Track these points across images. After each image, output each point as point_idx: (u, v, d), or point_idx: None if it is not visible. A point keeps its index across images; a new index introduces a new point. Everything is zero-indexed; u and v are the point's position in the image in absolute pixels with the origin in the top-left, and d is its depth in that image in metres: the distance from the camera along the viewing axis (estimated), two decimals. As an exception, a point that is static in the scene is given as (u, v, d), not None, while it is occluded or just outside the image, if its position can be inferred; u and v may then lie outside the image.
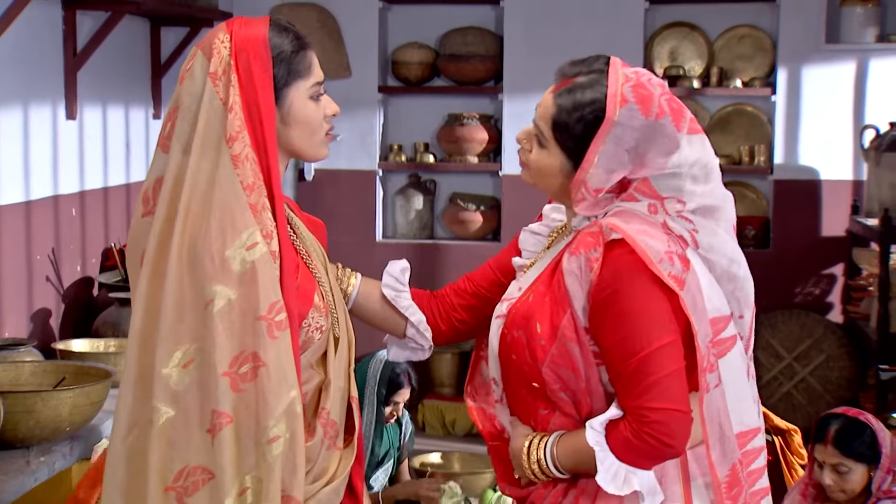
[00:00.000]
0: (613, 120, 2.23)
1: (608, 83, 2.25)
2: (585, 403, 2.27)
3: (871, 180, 6.15)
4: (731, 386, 2.30)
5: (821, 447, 3.57)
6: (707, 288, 2.26)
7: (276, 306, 2.12)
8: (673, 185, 2.28)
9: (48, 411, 3.15)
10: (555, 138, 2.29)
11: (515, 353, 2.30)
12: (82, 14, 4.86)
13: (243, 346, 2.10)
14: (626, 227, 2.20)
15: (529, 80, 6.57)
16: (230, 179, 2.13)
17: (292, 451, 2.13)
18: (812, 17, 6.49)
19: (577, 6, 6.60)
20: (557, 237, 2.46)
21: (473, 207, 6.82)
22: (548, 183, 2.35)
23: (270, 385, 2.11)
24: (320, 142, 2.32)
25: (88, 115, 5.03)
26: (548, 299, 2.26)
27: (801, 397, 6.48)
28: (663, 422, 2.16)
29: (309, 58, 2.27)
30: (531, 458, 2.30)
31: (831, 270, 6.67)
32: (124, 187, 5.42)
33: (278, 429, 2.11)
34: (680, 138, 2.26)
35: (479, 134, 6.73)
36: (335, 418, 2.30)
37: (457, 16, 6.86)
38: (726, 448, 2.29)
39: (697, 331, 2.21)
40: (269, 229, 2.16)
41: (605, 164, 2.24)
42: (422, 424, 6.45)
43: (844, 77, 6.57)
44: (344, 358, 2.35)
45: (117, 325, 4.43)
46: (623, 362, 2.19)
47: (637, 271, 2.18)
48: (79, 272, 4.95)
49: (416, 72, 6.80)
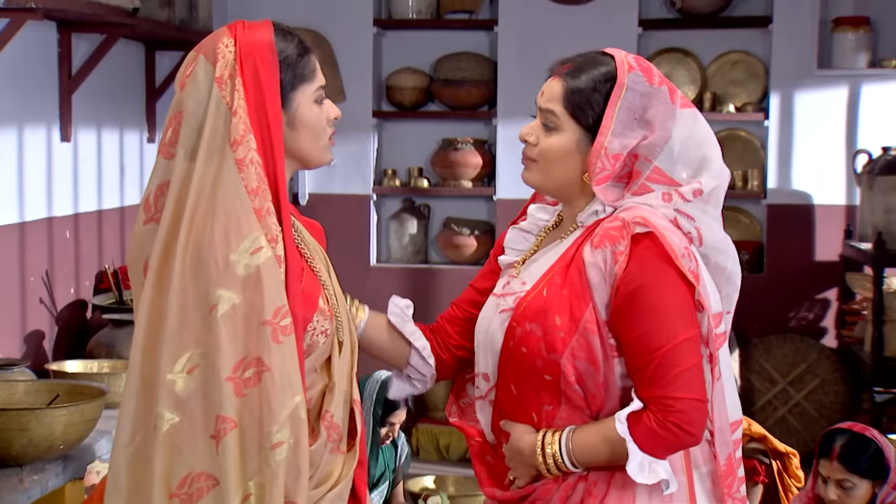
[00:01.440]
0: (624, 83, 2.32)
1: (613, 56, 2.37)
2: (599, 396, 2.31)
3: (864, 204, 6.16)
4: (726, 379, 2.38)
5: (826, 462, 3.57)
6: (708, 284, 2.33)
7: (282, 311, 2.11)
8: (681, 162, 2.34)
9: (42, 429, 3.13)
10: (570, 114, 2.35)
11: (526, 345, 2.32)
12: (77, 37, 4.86)
13: (247, 351, 2.09)
14: (654, 221, 2.25)
15: (523, 105, 6.53)
16: (234, 184, 2.13)
17: (296, 457, 2.12)
18: (804, 43, 6.52)
19: (571, 32, 6.62)
20: (551, 233, 2.50)
21: (468, 232, 6.82)
22: (559, 169, 2.38)
23: (275, 390, 2.09)
24: (324, 146, 2.33)
25: (83, 137, 5.03)
26: (566, 292, 2.29)
27: (795, 422, 6.47)
28: (687, 411, 2.24)
29: (313, 62, 2.29)
30: (546, 453, 2.32)
31: (825, 295, 6.68)
32: (118, 211, 5.41)
33: (282, 434, 2.10)
34: (676, 108, 2.35)
35: (474, 159, 6.74)
36: (338, 422, 2.29)
37: (451, 41, 6.89)
38: (725, 438, 2.37)
39: (711, 325, 2.29)
40: (274, 234, 2.15)
41: (621, 130, 2.31)
42: (416, 449, 6.43)
43: (837, 102, 6.59)
44: (347, 362, 2.35)
45: (111, 347, 4.41)
46: (648, 354, 2.24)
47: (665, 265, 2.25)
48: (72, 294, 4.94)
49: (410, 97, 6.82)
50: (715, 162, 2.38)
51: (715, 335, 2.32)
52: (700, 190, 2.34)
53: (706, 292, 2.30)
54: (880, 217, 5.96)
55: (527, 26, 6.66)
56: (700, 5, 6.62)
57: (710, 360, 2.31)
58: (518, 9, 6.67)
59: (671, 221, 2.31)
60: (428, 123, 6.94)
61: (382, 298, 2.61)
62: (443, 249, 6.91)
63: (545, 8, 6.65)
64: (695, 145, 2.36)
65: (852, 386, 6.47)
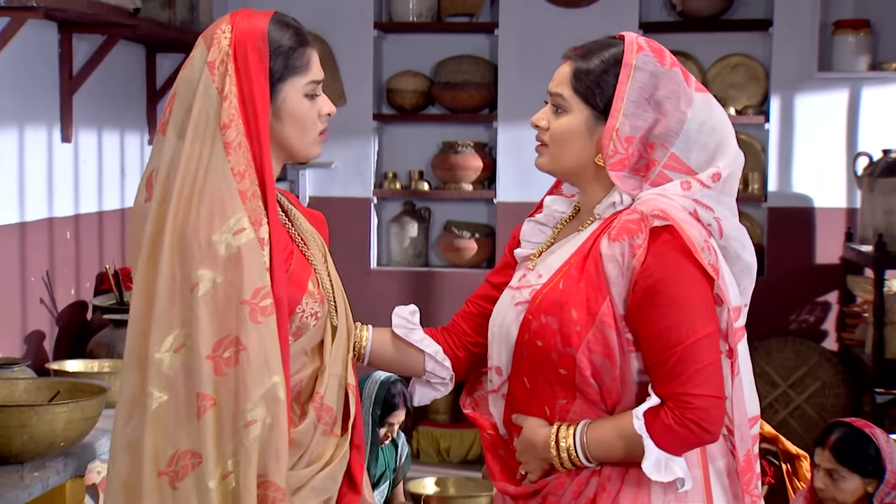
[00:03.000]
0: (632, 63, 2.30)
1: (624, 39, 2.35)
2: (615, 391, 2.28)
3: (865, 207, 6.16)
4: (745, 374, 2.34)
5: (819, 451, 3.59)
6: (727, 277, 2.30)
7: (262, 292, 2.14)
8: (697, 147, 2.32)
9: (43, 426, 3.12)
10: (579, 96, 2.33)
11: (541, 339, 2.29)
12: (78, 37, 4.86)
13: (227, 331, 2.13)
14: (674, 214, 2.23)
15: (524, 108, 6.58)
16: (221, 166, 2.17)
17: (274, 436, 2.14)
18: (804, 46, 6.53)
19: (571, 34, 6.58)
20: (568, 225, 2.47)
21: (468, 235, 6.82)
22: (570, 151, 2.36)
23: (250, 369, 2.12)
24: (312, 140, 2.33)
25: (84, 138, 5.03)
26: (583, 285, 2.26)
27: (796, 425, 6.46)
28: (705, 408, 2.21)
29: (307, 55, 2.29)
30: (560, 447, 2.30)
31: (826, 298, 6.67)
32: (119, 212, 5.41)
33: (255, 413, 2.12)
34: (691, 91, 2.33)
35: (474, 162, 6.74)
36: (331, 404, 2.31)
37: (451, 44, 6.89)
38: (743, 433, 2.34)
39: (730, 319, 2.26)
40: (259, 216, 2.18)
41: (633, 111, 2.30)
42: (417, 451, 6.42)
43: (837, 105, 6.59)
44: (342, 346, 2.36)
45: (112, 347, 4.41)
46: (667, 350, 2.21)
47: (684, 259, 2.22)
48: (73, 295, 4.94)
49: (410, 100, 6.82)
50: (731, 147, 2.35)
51: (734, 329, 2.28)
52: (718, 174, 2.31)
53: (725, 285, 2.26)
54: (881, 219, 5.96)
55: (527, 29, 6.67)
56: (700, 8, 6.63)
57: (729, 355, 2.28)
58: (518, 12, 6.67)
59: (691, 213, 2.28)
60: (428, 126, 6.94)
61: (383, 302, 2.62)
62: (443, 253, 6.91)
63: (546, 11, 6.66)
64: (710, 130, 2.33)
65: (853, 389, 6.46)
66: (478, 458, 6.33)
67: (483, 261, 6.87)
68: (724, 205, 2.34)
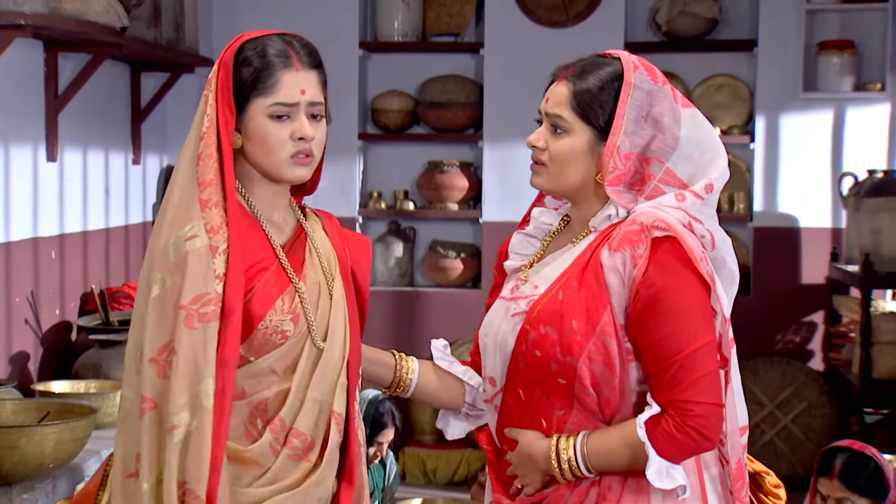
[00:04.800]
0: (632, 82, 2.33)
1: (618, 57, 2.38)
2: (613, 401, 2.30)
3: (851, 226, 6.17)
4: (735, 383, 2.39)
5: (826, 481, 3.54)
6: (720, 288, 2.33)
7: (204, 298, 2.16)
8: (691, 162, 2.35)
9: (32, 447, 3.09)
10: (579, 116, 2.35)
11: (540, 349, 2.31)
12: (64, 56, 4.83)
13: (170, 335, 2.16)
14: (674, 225, 2.26)
15: (509, 128, 6.59)
16: (190, 175, 2.25)
17: (195, 443, 2.13)
18: (789, 67, 6.55)
19: (557, 55, 6.54)
20: (558, 237, 2.49)
21: (453, 255, 6.79)
22: (571, 172, 2.38)
23: (178, 373, 2.14)
24: (280, 162, 2.30)
25: (69, 157, 4.99)
26: (583, 295, 2.28)
27: (783, 445, 6.45)
28: (706, 415, 2.23)
29: (276, 77, 2.27)
30: (562, 458, 2.31)
31: (811, 318, 6.68)
32: (104, 232, 5.37)
33: (179, 418, 2.13)
34: (679, 108, 2.37)
35: (460, 181, 6.73)
36: (304, 430, 2.28)
37: (436, 64, 6.88)
38: (734, 442, 2.38)
39: (724, 329, 2.30)
40: (216, 224, 2.21)
41: (632, 129, 2.32)
42: (403, 473, 6.38)
43: (822, 125, 6.61)
44: (331, 372, 2.32)
45: (98, 368, 4.37)
46: (668, 358, 2.24)
47: (685, 268, 2.25)
48: (57, 316, 4.89)
49: (395, 119, 6.80)
50: (721, 160, 2.39)
51: (728, 339, 2.32)
52: (711, 185, 2.35)
53: (720, 296, 2.30)
54: (867, 239, 5.96)
55: (513, 49, 6.67)
56: (685, 28, 6.64)
57: (723, 365, 2.31)
58: (504, 31, 6.67)
59: (685, 226, 2.30)
60: (414, 146, 6.93)
61: (368, 321, 2.58)
62: (428, 272, 6.89)
63: (531, 30, 6.66)
64: (701, 144, 2.37)
65: (839, 409, 6.46)
66: (465, 479, 6.30)
67: (468, 280, 6.85)
68: (711, 217, 2.38)
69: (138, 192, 5.83)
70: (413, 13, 6.78)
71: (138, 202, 5.83)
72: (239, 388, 2.24)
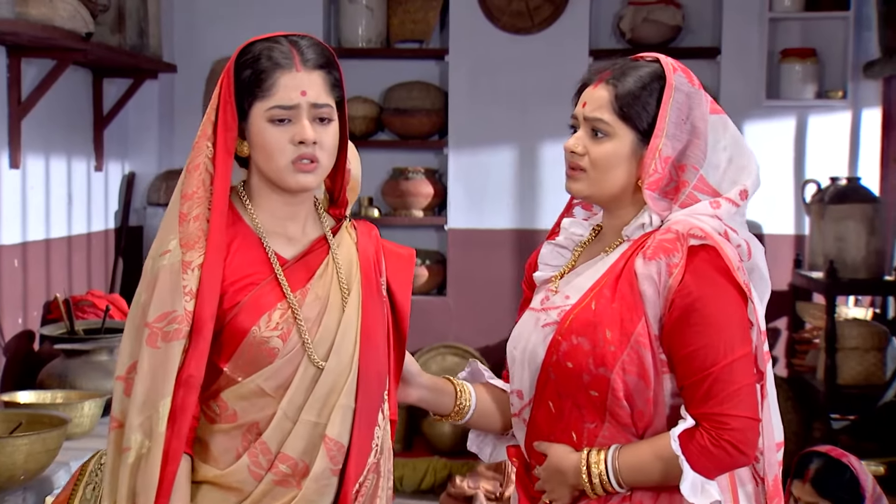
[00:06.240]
0: (673, 84, 2.27)
1: (658, 59, 2.33)
2: (647, 414, 2.24)
3: (815, 234, 6.20)
4: (771, 398, 2.31)
5: (799, 484, 3.54)
6: (756, 299, 2.27)
7: (170, 316, 2.11)
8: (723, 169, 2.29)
9: (3, 458, 3.04)
10: (621, 119, 2.28)
11: (572, 360, 2.24)
12: (27, 62, 4.77)
13: (137, 353, 2.13)
14: (712, 233, 2.20)
15: (474, 134, 6.57)
16: (178, 187, 2.19)
17: (147, 468, 2.08)
18: (752, 74, 6.58)
19: (522, 62, 6.63)
20: (590, 247, 2.43)
21: (419, 262, 6.77)
22: (614, 177, 2.31)
23: (136, 393, 2.11)
24: (281, 168, 2.20)
25: (32, 164, 4.92)
26: (617, 305, 2.22)
27: (747, 451, 6.46)
28: (742, 429, 2.17)
29: (273, 79, 2.19)
30: (592, 473, 2.24)
31: (775, 324, 6.70)
32: (66, 240, 5.30)
33: (132, 440, 2.10)
34: (711, 114, 2.32)
35: (425, 188, 6.70)
36: (292, 454, 2.17)
37: (401, 70, 6.85)
38: (771, 458, 2.29)
39: (760, 341, 2.24)
40: (192, 239, 2.14)
41: (673, 132, 2.27)
42: (368, 482, 6.33)
43: (785, 132, 6.65)
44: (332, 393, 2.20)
45: (64, 377, 4.30)
46: (704, 370, 2.17)
47: (722, 278, 2.19)
48: (20, 324, 4.82)
49: (360, 126, 6.77)
50: (753, 167, 2.33)
51: (763, 352, 2.26)
52: (746, 191, 2.29)
53: (756, 307, 2.24)
54: (832, 245, 5.99)
55: (477, 55, 6.66)
56: (649, 36, 6.65)
57: (759, 379, 2.24)
58: (469, 38, 6.66)
59: (721, 234, 2.24)
60: (378, 153, 6.89)
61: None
62: (393, 280, 6.83)
63: (496, 37, 6.65)
64: (734, 150, 2.31)
65: (804, 415, 6.48)
66: (431, 487, 6.27)
67: (434, 287, 6.82)
68: (742, 225, 2.32)
69: (101, 199, 5.76)
70: (377, 19, 6.75)
71: (101, 210, 5.76)
72: (230, 411, 2.17)
